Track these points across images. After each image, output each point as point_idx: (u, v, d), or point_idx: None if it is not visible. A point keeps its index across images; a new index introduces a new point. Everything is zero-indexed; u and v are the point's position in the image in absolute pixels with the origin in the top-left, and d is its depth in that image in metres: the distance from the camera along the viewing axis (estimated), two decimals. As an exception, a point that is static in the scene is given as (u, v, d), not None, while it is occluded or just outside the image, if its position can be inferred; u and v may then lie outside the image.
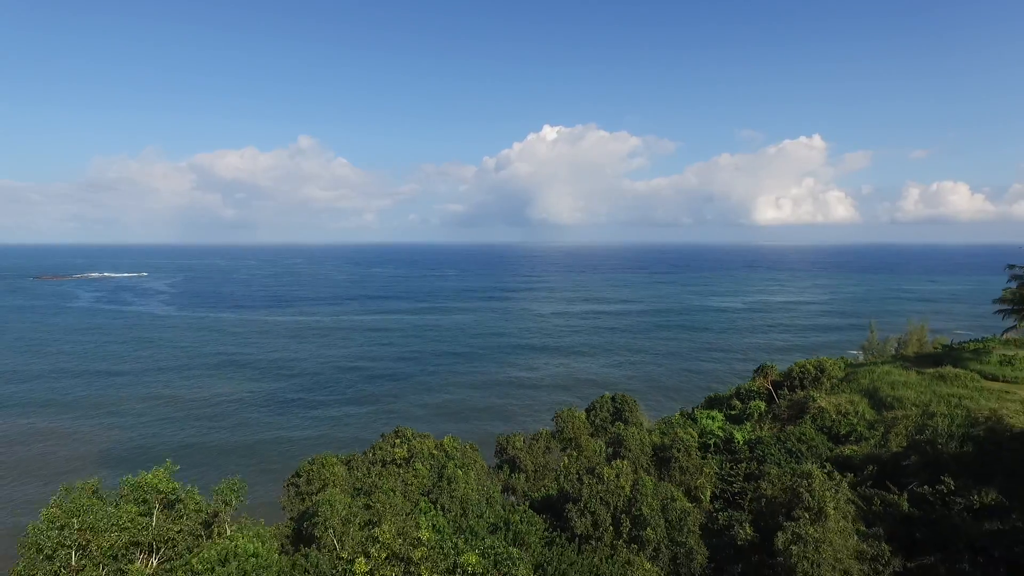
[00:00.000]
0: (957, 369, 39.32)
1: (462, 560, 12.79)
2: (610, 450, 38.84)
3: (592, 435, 46.25)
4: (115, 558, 13.87)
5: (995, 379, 37.88)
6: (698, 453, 39.77)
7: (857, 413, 38.28)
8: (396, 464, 29.95)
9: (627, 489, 30.27)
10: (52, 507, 13.90)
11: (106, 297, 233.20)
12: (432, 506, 26.18)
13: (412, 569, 12.10)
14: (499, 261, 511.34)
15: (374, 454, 31.38)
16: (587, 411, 48.70)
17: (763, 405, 44.17)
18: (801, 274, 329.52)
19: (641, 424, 43.58)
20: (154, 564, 15.59)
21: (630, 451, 37.10)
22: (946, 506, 29.05)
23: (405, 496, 26.53)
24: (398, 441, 34.08)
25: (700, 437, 42.25)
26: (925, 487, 30.19)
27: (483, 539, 17.06)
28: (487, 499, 29.70)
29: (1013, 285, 40.55)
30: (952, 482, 29.39)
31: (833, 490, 25.89)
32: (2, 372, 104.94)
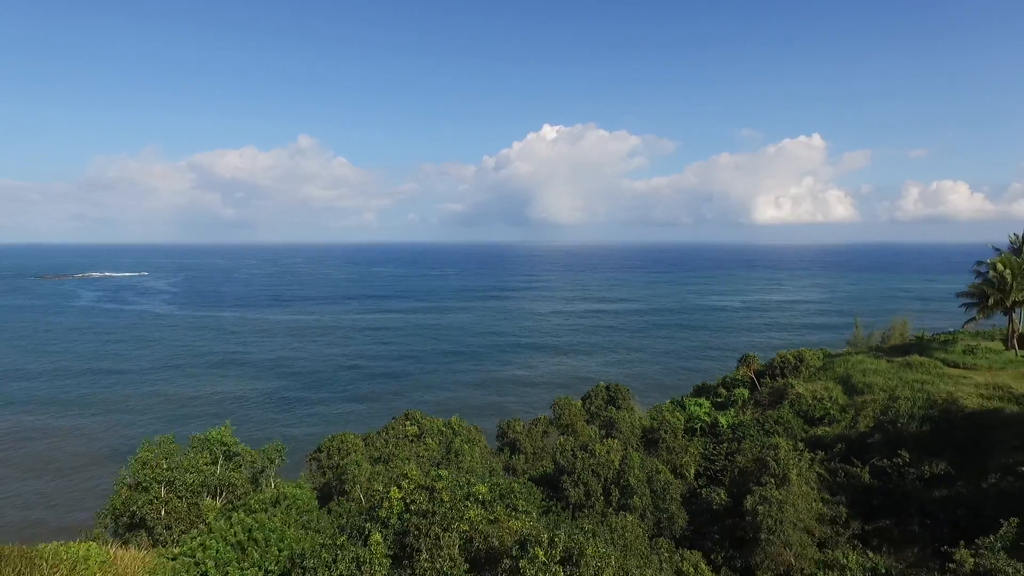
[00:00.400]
0: (923, 358, 42.89)
1: (474, 490, 16.19)
2: (603, 432, 42.39)
3: (587, 422, 49.82)
4: (193, 494, 17.34)
5: (956, 366, 41.44)
6: (684, 436, 43.37)
7: (831, 398, 41.86)
8: (408, 440, 33.47)
9: (616, 463, 33.82)
10: (145, 451, 17.35)
11: (108, 296, 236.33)
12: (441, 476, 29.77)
13: (435, 496, 15.51)
14: (499, 260, 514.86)
15: (388, 432, 34.88)
16: (583, 399, 52.29)
17: (746, 392, 47.76)
18: (799, 273, 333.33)
19: (633, 410, 47.16)
20: (218, 504, 19.13)
21: (621, 432, 40.70)
22: (901, 477, 32.63)
23: (418, 467, 30.12)
24: (408, 422, 37.61)
25: (688, 422, 45.83)
26: (885, 461, 33.77)
27: (489, 480, 20.67)
28: (489, 472, 33.26)
29: (978, 280, 44.17)
30: (908, 456, 32.96)
31: (797, 459, 29.50)
32: (6, 370, 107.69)
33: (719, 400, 49.23)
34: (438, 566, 13.14)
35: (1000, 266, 41.09)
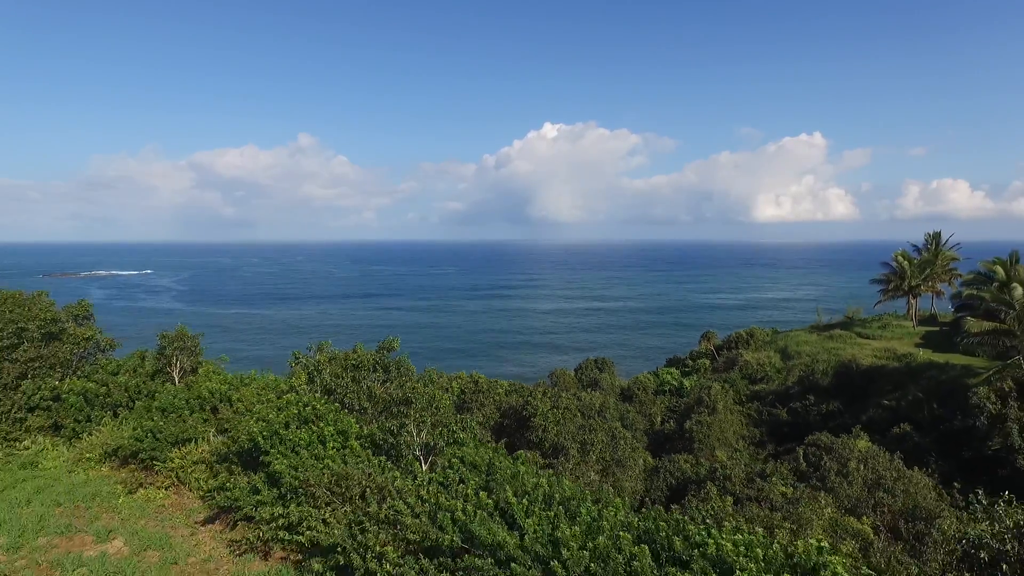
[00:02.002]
0: (843, 331, 55.25)
1: (499, 383, 28.24)
2: (588, 389, 54.72)
3: (580, 389, 62.18)
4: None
5: (867, 338, 53.70)
6: (656, 395, 55.67)
7: (770, 363, 54.22)
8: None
9: (597, 405, 46.15)
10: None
11: (117, 294, 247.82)
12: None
13: (478, 384, 27.36)
14: (499, 258, 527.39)
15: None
16: (575, 370, 64.59)
17: (708, 362, 60.14)
18: (797, 272, 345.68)
19: (615, 376, 59.53)
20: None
21: (603, 388, 53.03)
22: (808, 414, 44.99)
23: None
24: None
25: (659, 386, 58.19)
26: (798, 404, 46.17)
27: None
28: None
29: (886, 270, 56.69)
30: (813, 399, 45.39)
31: (724, 396, 41.86)
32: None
33: (686, 369, 61.68)
34: (486, 412, 25.41)
35: (900, 259, 53.51)
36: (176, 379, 20.09)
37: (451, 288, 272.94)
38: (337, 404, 14.62)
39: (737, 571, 7.66)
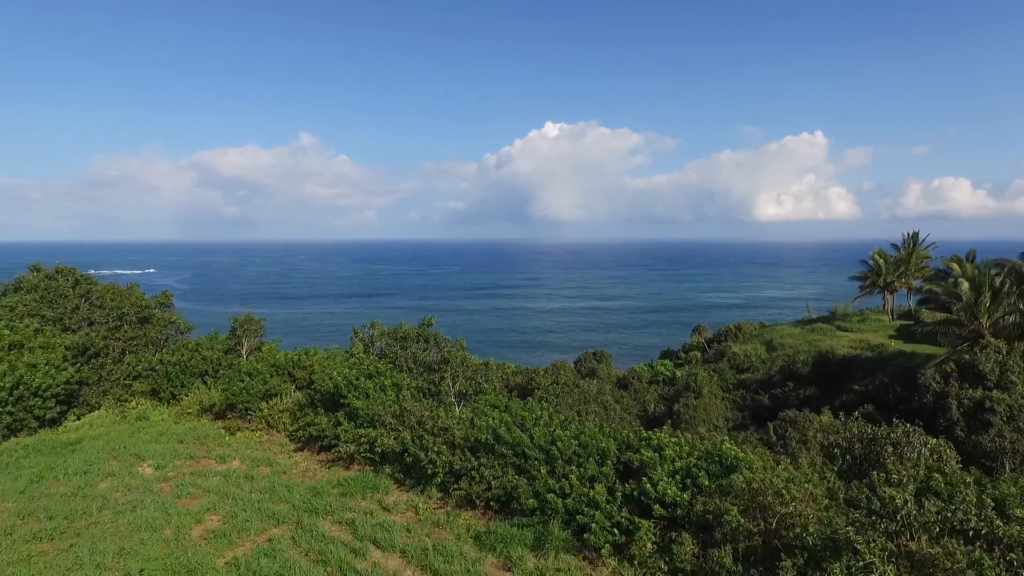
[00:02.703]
0: (824, 325, 59.96)
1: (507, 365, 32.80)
2: (586, 379, 59.46)
3: (579, 378, 66.95)
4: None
5: (846, 331, 58.36)
6: (649, 383, 60.33)
7: (756, 355, 58.86)
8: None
9: (594, 391, 50.90)
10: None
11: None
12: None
13: (488, 364, 32.01)
14: (501, 258, 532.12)
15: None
16: (575, 362, 69.30)
17: (699, 354, 64.83)
18: (796, 271, 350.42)
19: (611, 367, 64.25)
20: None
21: (600, 377, 57.75)
22: (787, 399, 49.62)
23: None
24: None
25: (654, 376, 62.83)
26: (779, 390, 50.82)
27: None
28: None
29: (864, 268, 61.44)
30: (793, 385, 50.03)
31: (709, 381, 46.52)
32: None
33: (679, 361, 66.37)
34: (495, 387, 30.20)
35: (877, 257, 58.19)
36: (244, 355, 24.82)
37: (452, 288, 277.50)
38: (390, 365, 19.30)
39: (667, 450, 12.38)
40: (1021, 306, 36.98)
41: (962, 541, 7.68)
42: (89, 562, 11.19)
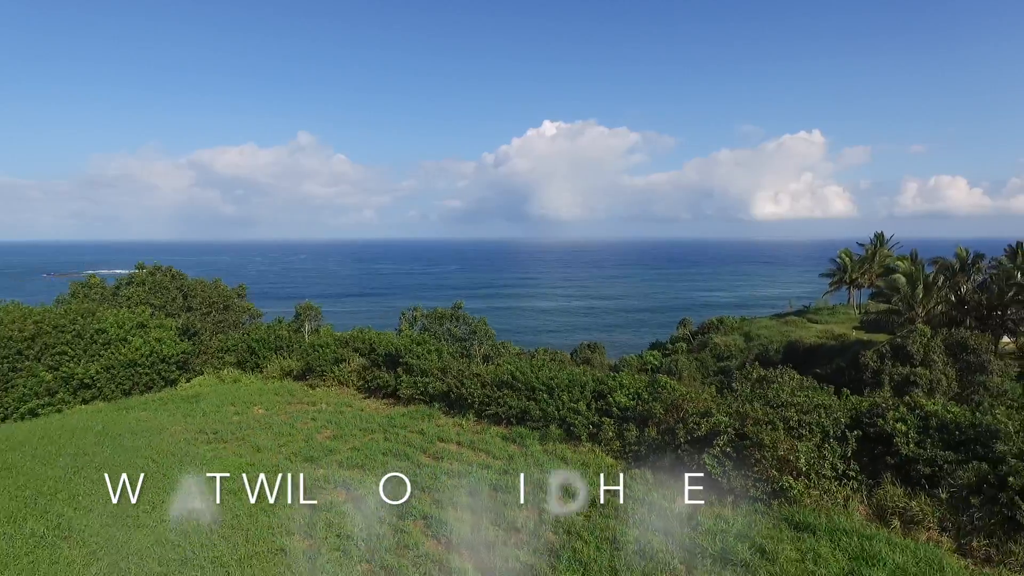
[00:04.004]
0: (797, 318, 67.00)
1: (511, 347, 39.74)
2: (581, 366, 66.37)
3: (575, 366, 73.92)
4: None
5: (815, 322, 65.41)
6: (638, 371, 67.26)
7: (735, 345, 65.86)
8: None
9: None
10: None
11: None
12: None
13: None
14: (500, 257, 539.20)
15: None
16: (571, 353, 76.22)
17: (684, 345, 71.83)
18: (792, 269, 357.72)
19: (605, 356, 71.20)
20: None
21: (593, 366, 64.65)
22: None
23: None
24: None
25: (643, 365, 69.79)
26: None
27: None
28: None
29: (833, 266, 68.59)
30: (763, 371, 56.87)
31: (688, 366, 53.43)
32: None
33: (666, 351, 73.36)
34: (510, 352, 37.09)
35: (843, 256, 65.29)
36: (306, 335, 31.68)
37: (452, 287, 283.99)
38: (431, 336, 26.18)
39: (625, 381, 19.25)
40: (952, 298, 43.87)
41: (769, 407, 14.62)
42: (261, 447, 18.08)
